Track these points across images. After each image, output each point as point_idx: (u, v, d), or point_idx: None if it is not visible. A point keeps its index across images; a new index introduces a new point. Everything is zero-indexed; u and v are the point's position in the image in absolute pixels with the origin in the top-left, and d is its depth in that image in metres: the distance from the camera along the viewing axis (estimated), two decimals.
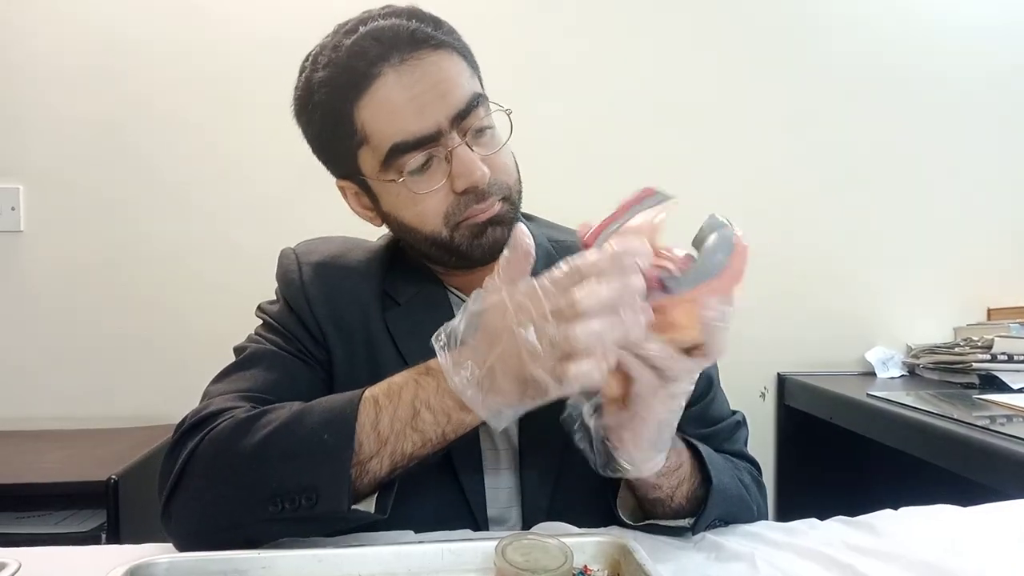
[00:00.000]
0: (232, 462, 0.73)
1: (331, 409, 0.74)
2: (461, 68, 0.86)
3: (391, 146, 0.83)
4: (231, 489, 0.73)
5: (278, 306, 0.96)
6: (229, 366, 0.90)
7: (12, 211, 1.87)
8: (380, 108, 0.83)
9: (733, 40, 2.11)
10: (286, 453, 0.71)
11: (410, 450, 0.72)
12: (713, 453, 0.87)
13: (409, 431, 0.71)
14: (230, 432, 0.75)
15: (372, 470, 0.72)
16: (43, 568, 0.71)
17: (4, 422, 1.86)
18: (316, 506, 0.69)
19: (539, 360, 0.59)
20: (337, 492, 0.69)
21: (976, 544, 0.79)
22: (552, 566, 0.62)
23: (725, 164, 2.11)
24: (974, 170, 2.21)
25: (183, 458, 0.76)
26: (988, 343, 1.86)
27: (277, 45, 1.92)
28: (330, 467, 0.70)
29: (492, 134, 0.89)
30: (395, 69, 0.82)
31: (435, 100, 0.82)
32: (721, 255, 0.66)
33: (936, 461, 1.45)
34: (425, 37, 0.84)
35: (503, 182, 0.88)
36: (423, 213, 0.87)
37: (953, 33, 2.18)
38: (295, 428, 0.73)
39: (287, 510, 0.70)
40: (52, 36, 1.87)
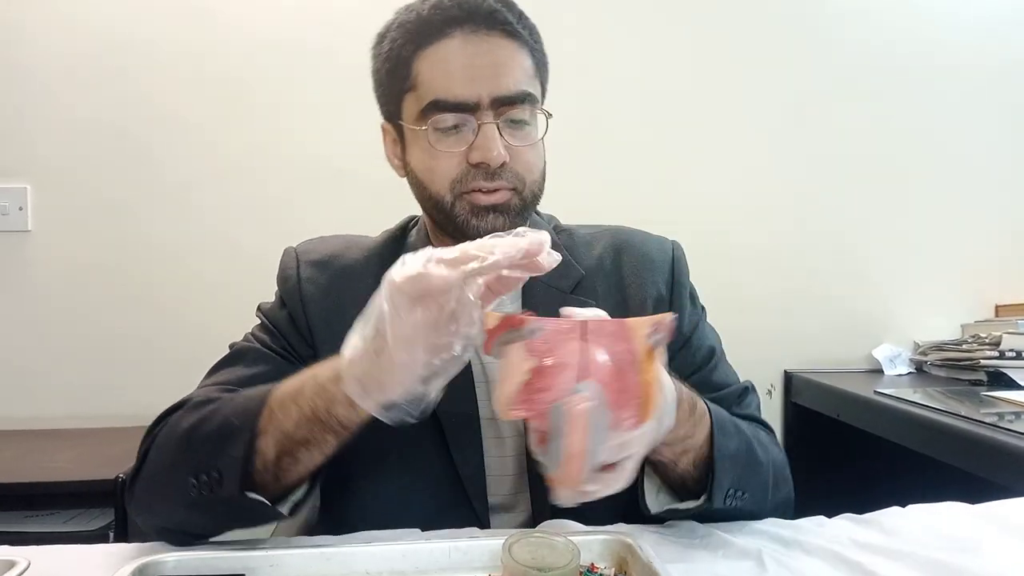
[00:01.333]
0: (170, 444, 0.79)
1: (249, 395, 0.77)
2: (524, 64, 0.90)
3: (432, 100, 0.87)
4: (164, 471, 0.78)
5: (273, 304, 1.00)
6: (216, 363, 0.94)
7: (20, 211, 1.88)
8: (437, 64, 0.87)
9: (739, 35, 2.11)
10: (204, 435, 0.75)
11: (288, 427, 0.72)
12: (726, 418, 0.85)
13: (291, 405, 0.72)
14: (178, 417, 0.81)
15: (261, 450, 0.73)
16: (52, 567, 0.72)
17: (12, 421, 1.87)
18: (221, 487, 0.71)
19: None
20: (234, 473, 0.71)
21: (984, 541, 0.78)
22: (559, 564, 0.62)
23: (732, 161, 2.10)
24: (982, 166, 2.20)
25: (147, 445, 0.82)
26: (996, 340, 1.85)
27: (283, 47, 1.93)
28: (231, 448, 0.72)
29: (527, 132, 0.91)
30: (464, 36, 0.86)
31: (487, 76, 0.86)
32: (554, 454, 0.58)
33: (944, 458, 1.44)
34: (504, 21, 0.87)
35: (519, 174, 0.90)
36: (434, 171, 0.89)
37: (961, 27, 2.17)
38: (217, 413, 0.77)
39: (203, 493, 0.72)
40: (59, 37, 1.87)
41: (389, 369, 0.59)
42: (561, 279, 0.97)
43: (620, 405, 0.59)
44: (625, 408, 0.59)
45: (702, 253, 1.07)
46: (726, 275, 2.02)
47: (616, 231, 1.07)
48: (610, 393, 0.58)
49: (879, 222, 2.17)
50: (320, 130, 1.95)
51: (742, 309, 2.04)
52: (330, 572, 0.69)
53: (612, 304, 0.99)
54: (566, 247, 1.02)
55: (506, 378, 0.58)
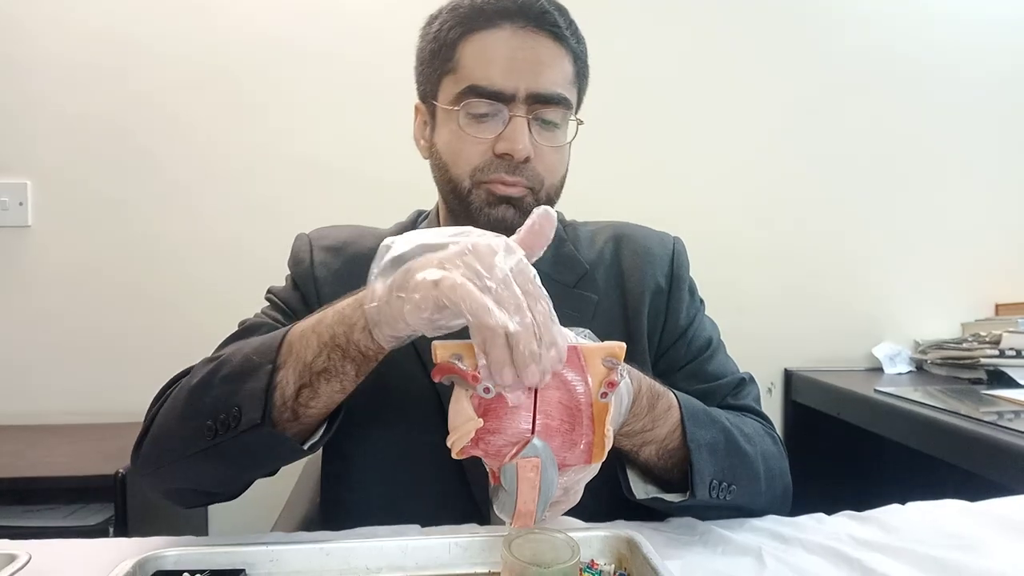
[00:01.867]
0: (182, 397, 0.78)
1: (268, 335, 0.76)
2: (565, 68, 0.92)
3: (469, 84, 0.88)
4: (177, 421, 0.77)
5: (285, 286, 1.01)
6: (227, 337, 0.93)
7: (20, 206, 1.88)
8: (481, 51, 0.89)
9: (739, 35, 2.10)
10: (223, 378, 0.74)
11: (309, 357, 0.70)
12: (699, 409, 0.85)
13: (311, 335, 0.71)
14: (189, 376, 0.80)
15: (281, 384, 0.71)
16: (53, 561, 0.72)
17: (12, 416, 1.87)
18: (240, 423, 0.70)
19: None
20: (254, 406, 0.70)
21: (983, 539, 0.78)
22: (559, 560, 0.62)
23: (732, 161, 2.10)
24: (983, 166, 2.20)
25: (156, 408, 0.82)
26: (996, 339, 1.85)
27: (283, 45, 1.93)
28: (250, 382, 0.71)
29: (555, 134, 0.92)
30: (513, 29, 0.88)
31: (527, 72, 0.88)
32: (507, 504, 0.60)
33: (944, 457, 1.44)
34: (553, 23, 0.89)
35: (539, 174, 0.91)
36: (458, 153, 0.91)
37: (962, 27, 2.17)
38: (234, 356, 0.76)
39: (219, 434, 0.72)
40: (59, 34, 1.87)
41: (400, 316, 0.60)
42: (565, 273, 0.99)
43: (571, 444, 0.60)
44: (575, 447, 0.60)
45: (702, 252, 1.08)
46: (726, 274, 2.02)
47: (618, 225, 1.08)
48: (560, 434, 0.59)
49: (879, 221, 2.17)
50: (320, 129, 1.95)
51: (742, 307, 2.04)
52: (330, 567, 0.69)
53: (612, 296, 0.99)
54: (571, 242, 1.03)
55: (456, 426, 0.58)
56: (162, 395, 0.84)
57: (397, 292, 0.61)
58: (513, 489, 0.58)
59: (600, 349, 0.61)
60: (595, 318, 0.97)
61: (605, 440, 0.60)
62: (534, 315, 0.57)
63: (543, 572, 0.60)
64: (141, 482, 0.83)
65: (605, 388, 0.60)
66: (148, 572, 0.66)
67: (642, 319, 0.99)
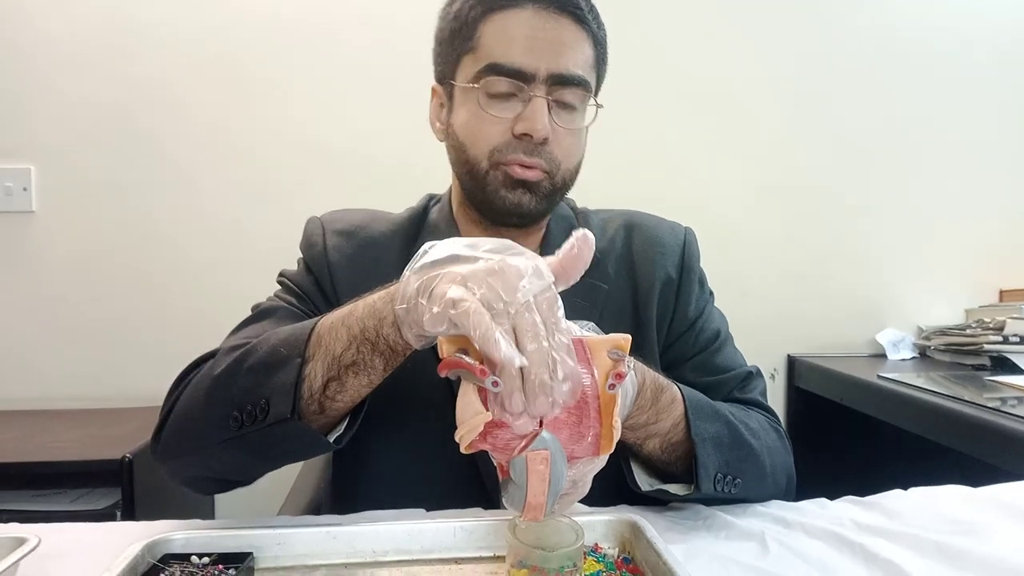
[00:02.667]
0: (206, 386, 0.77)
1: (294, 326, 0.76)
2: (586, 51, 0.91)
3: (490, 62, 0.88)
4: (201, 411, 0.76)
5: (297, 270, 1.00)
6: (242, 320, 0.93)
7: (24, 191, 1.88)
8: (503, 30, 0.88)
9: (746, 24, 2.09)
10: (249, 368, 0.74)
11: (338, 350, 0.70)
12: (704, 403, 0.85)
13: (340, 328, 0.70)
14: (212, 363, 0.79)
15: (309, 377, 0.71)
16: (62, 544, 0.73)
17: (19, 401, 1.88)
18: (268, 416, 0.70)
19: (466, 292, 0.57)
20: (284, 398, 0.70)
21: (986, 524, 0.79)
22: (564, 544, 0.62)
23: (736, 148, 2.09)
24: (987, 151, 2.19)
25: (176, 394, 0.81)
26: (1000, 325, 1.85)
27: (287, 29, 1.93)
28: (279, 375, 0.71)
29: (574, 117, 0.92)
30: (535, 10, 0.88)
31: (548, 52, 0.87)
32: (517, 497, 0.59)
33: (946, 442, 1.45)
34: (574, 5, 0.89)
35: (556, 158, 0.91)
36: (477, 133, 0.90)
37: (966, 14, 2.16)
38: (260, 346, 0.75)
39: (245, 425, 0.71)
40: (63, 18, 1.87)
41: (421, 321, 0.60)
42: None
43: (579, 436, 0.60)
44: (583, 439, 0.60)
45: (706, 238, 1.07)
46: (730, 260, 2.02)
47: (630, 214, 1.08)
48: (568, 426, 0.59)
49: (883, 207, 2.16)
50: (324, 114, 1.94)
51: (746, 294, 2.04)
52: (336, 551, 0.70)
53: (622, 285, 0.99)
54: (578, 218, 1.04)
55: (464, 420, 0.57)
56: (182, 381, 0.83)
57: (421, 298, 0.61)
58: (523, 482, 0.58)
59: (605, 341, 0.61)
60: (605, 307, 0.97)
61: (613, 432, 0.60)
62: (551, 344, 0.55)
63: (547, 556, 0.61)
64: (160, 468, 0.82)
65: (612, 380, 0.60)
66: (156, 555, 0.67)
67: (651, 309, 0.99)
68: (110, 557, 0.63)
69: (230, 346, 0.80)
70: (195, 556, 0.66)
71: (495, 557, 0.70)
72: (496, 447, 0.58)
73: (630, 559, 0.70)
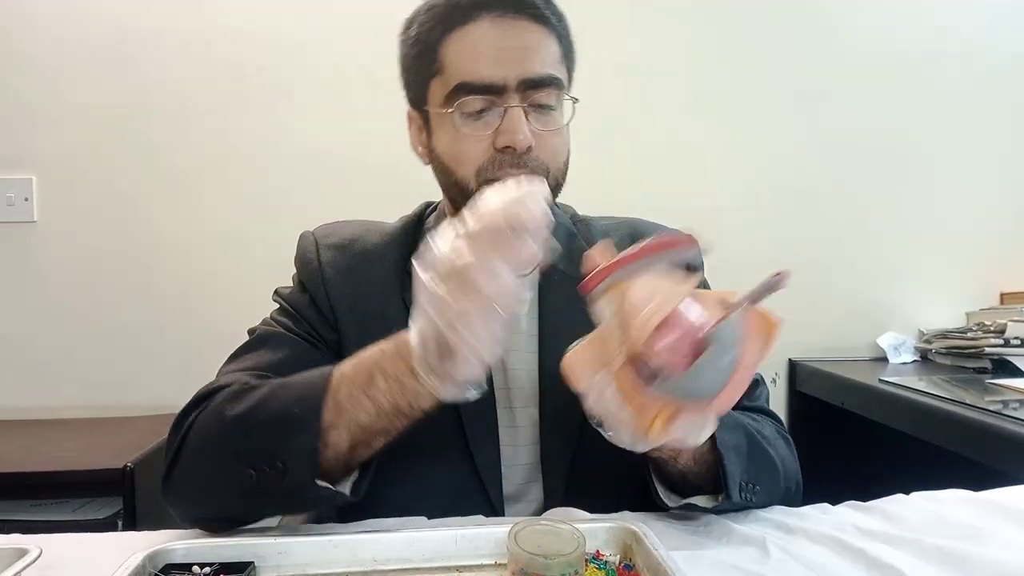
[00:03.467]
0: (217, 432, 0.77)
1: (305, 382, 0.76)
2: (551, 49, 0.90)
3: (459, 83, 0.87)
4: (213, 460, 0.76)
5: (293, 289, 0.99)
6: (239, 348, 0.93)
7: (25, 202, 1.88)
8: (464, 47, 0.87)
9: (745, 26, 2.10)
10: (261, 424, 0.74)
11: (365, 420, 0.72)
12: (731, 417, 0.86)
13: (363, 398, 0.72)
14: (219, 404, 0.78)
15: (333, 443, 0.72)
16: (63, 555, 0.72)
17: (20, 411, 1.88)
18: (285, 478, 0.71)
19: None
20: (303, 464, 0.71)
21: (988, 528, 0.79)
22: (565, 552, 0.62)
23: (736, 151, 2.10)
24: (987, 155, 2.19)
25: (182, 433, 0.79)
26: (1001, 328, 1.85)
27: (289, 37, 1.93)
28: (297, 438, 0.71)
29: (553, 117, 0.91)
30: (492, 19, 0.87)
31: (514, 59, 0.86)
32: (718, 376, 0.58)
33: (948, 446, 1.44)
34: (531, 6, 0.88)
35: (544, 162, 0.89)
36: (460, 155, 0.89)
37: (966, 16, 2.16)
38: (271, 400, 0.75)
39: (261, 481, 0.71)
40: (64, 28, 1.87)
41: (453, 356, 0.63)
42: (578, 268, 0.97)
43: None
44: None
45: None
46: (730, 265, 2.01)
47: (634, 222, 1.07)
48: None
49: (884, 210, 2.16)
50: (326, 121, 1.95)
51: None
52: (337, 560, 0.70)
53: None
54: (583, 237, 1.02)
55: (642, 313, 0.57)
56: (185, 417, 0.81)
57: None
58: (728, 346, 0.56)
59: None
60: None
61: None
62: None
63: (549, 563, 0.61)
64: (170, 510, 0.81)
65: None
66: (158, 565, 0.66)
67: None
68: (112, 567, 0.63)
69: (237, 388, 0.79)
70: (196, 566, 0.66)
71: (496, 565, 0.70)
72: (682, 329, 0.56)
73: (631, 566, 0.70)
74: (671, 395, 0.59)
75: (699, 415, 0.60)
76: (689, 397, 0.58)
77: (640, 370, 0.58)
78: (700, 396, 0.58)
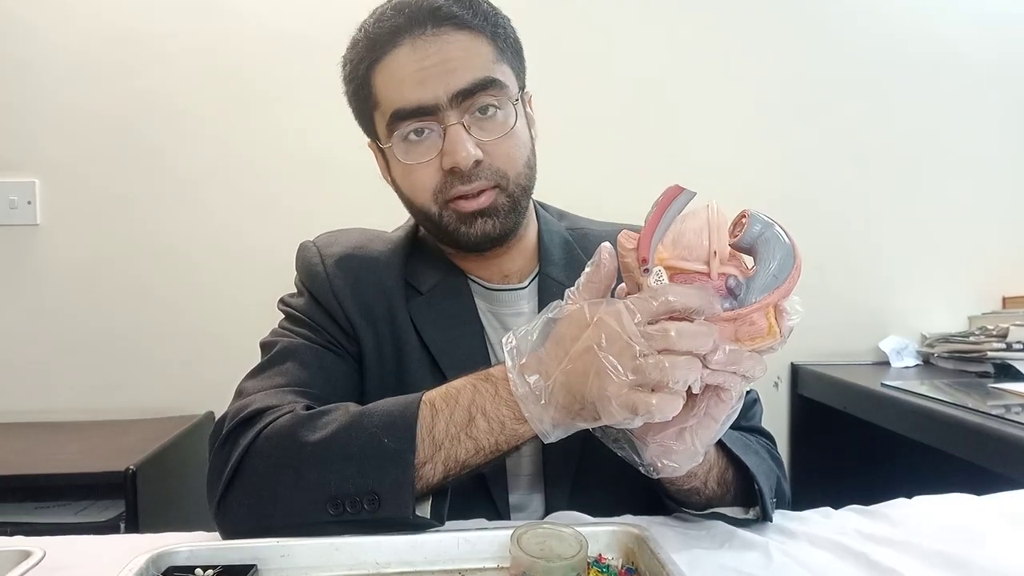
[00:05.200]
0: (293, 460, 0.73)
1: (390, 413, 0.74)
2: (481, 51, 0.87)
3: (392, 111, 0.86)
4: (291, 489, 0.73)
5: (303, 299, 0.96)
6: (263, 362, 0.90)
7: (28, 205, 1.89)
8: (390, 75, 0.86)
9: (746, 29, 2.10)
10: (349, 455, 0.72)
11: (463, 457, 0.72)
12: (733, 434, 0.86)
13: (464, 437, 0.72)
14: (290, 429, 0.75)
15: (426, 476, 0.72)
16: (67, 556, 0.73)
17: (23, 414, 1.88)
18: (379, 510, 0.70)
19: (617, 385, 0.61)
20: (400, 497, 0.70)
21: (990, 533, 0.79)
22: (567, 555, 0.62)
23: (739, 154, 2.10)
24: (989, 159, 2.19)
25: (239, 452, 0.75)
26: (1003, 332, 1.84)
27: (291, 41, 1.94)
28: (393, 471, 0.71)
29: (499, 121, 0.88)
30: (412, 41, 0.85)
31: (440, 75, 0.84)
32: (782, 257, 0.66)
33: (951, 450, 1.44)
34: (449, 15, 0.85)
35: (498, 169, 0.88)
36: (414, 184, 0.89)
37: (969, 20, 2.16)
38: (355, 430, 0.73)
39: (348, 513, 0.71)
40: (67, 31, 1.88)
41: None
42: (575, 277, 0.96)
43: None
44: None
45: None
46: None
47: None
48: None
49: (886, 214, 2.16)
50: (328, 126, 1.93)
51: None
52: (339, 562, 0.70)
53: None
54: (580, 248, 1.01)
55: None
56: (235, 437, 0.77)
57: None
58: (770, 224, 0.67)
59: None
60: None
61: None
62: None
63: (551, 567, 0.61)
64: (222, 528, 0.76)
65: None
66: (160, 568, 0.67)
67: None
68: (114, 570, 0.63)
69: (304, 415, 0.76)
70: (199, 569, 0.66)
71: (498, 568, 0.70)
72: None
73: (634, 569, 0.70)
74: (757, 295, 0.65)
75: (788, 300, 0.68)
76: (771, 288, 0.66)
77: (722, 292, 0.64)
78: (779, 281, 0.67)
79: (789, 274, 0.66)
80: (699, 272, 0.64)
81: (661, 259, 0.63)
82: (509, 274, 0.98)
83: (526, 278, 0.98)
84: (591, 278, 0.68)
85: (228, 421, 0.79)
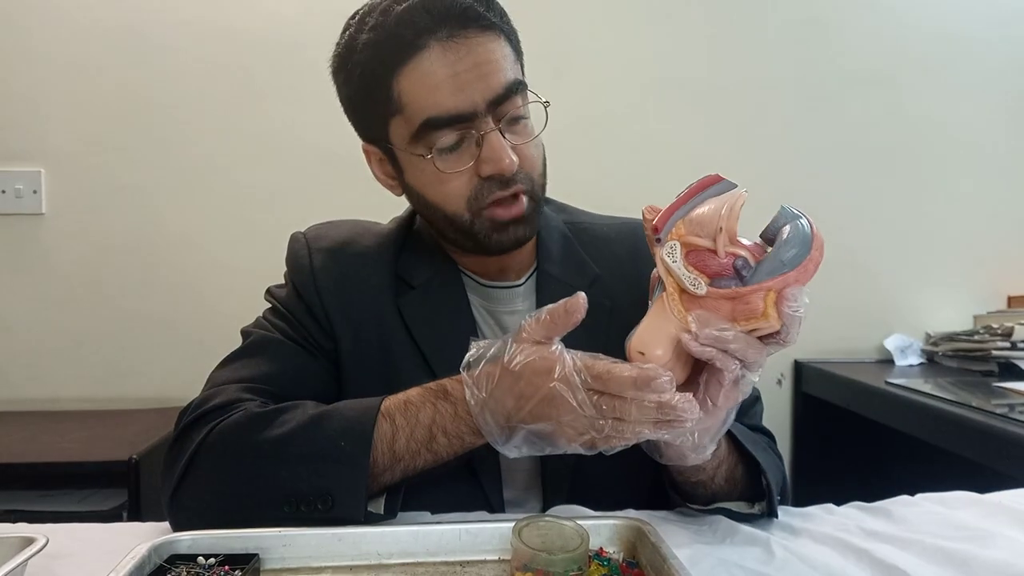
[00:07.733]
0: (246, 458, 0.75)
1: (348, 418, 0.76)
2: (506, 53, 0.85)
3: (424, 119, 0.82)
4: (245, 486, 0.74)
5: (287, 291, 0.95)
6: (234, 352, 0.90)
7: (34, 194, 1.89)
8: (420, 80, 0.81)
9: (748, 27, 2.09)
10: (304, 455, 0.73)
11: (422, 466, 0.77)
12: (744, 429, 0.86)
13: (424, 451, 0.75)
14: (244, 426, 0.76)
15: (384, 482, 0.76)
16: (69, 544, 0.73)
17: (27, 403, 1.89)
18: (332, 510, 0.72)
19: (578, 428, 0.66)
20: (353, 499, 0.72)
21: (993, 530, 0.79)
22: (568, 548, 0.62)
23: (742, 152, 2.09)
24: (994, 157, 2.18)
25: (191, 448, 0.76)
26: (1008, 331, 1.84)
27: (297, 32, 1.93)
28: (347, 474, 0.73)
29: (526, 124, 0.87)
30: (441, 44, 0.81)
31: (476, 80, 0.81)
32: (798, 247, 0.68)
33: (954, 448, 1.44)
34: (476, 16, 0.82)
35: (528, 174, 0.87)
36: (447, 193, 0.86)
37: (972, 18, 2.15)
38: (313, 431, 0.75)
39: (301, 512, 0.72)
40: (73, 22, 1.88)
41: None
42: (575, 277, 0.95)
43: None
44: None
45: None
46: None
47: (636, 226, 1.05)
48: None
49: (891, 212, 2.16)
50: (335, 118, 1.93)
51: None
52: (342, 553, 0.70)
53: (628, 301, 0.96)
54: (581, 246, 0.99)
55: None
56: (189, 432, 0.78)
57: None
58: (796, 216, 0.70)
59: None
60: (609, 325, 0.87)
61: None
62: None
63: (552, 559, 0.61)
64: (173, 520, 0.77)
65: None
66: (163, 556, 0.67)
67: None
68: (117, 557, 0.63)
69: (258, 413, 0.77)
70: (201, 557, 0.67)
71: (500, 560, 0.70)
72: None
73: (635, 563, 0.70)
74: (762, 277, 0.66)
75: (796, 287, 0.68)
76: (778, 272, 0.67)
77: (728, 272, 0.66)
78: (788, 267, 0.67)
79: (800, 264, 0.67)
80: (708, 249, 0.66)
81: (679, 235, 0.66)
82: (506, 270, 0.96)
83: (523, 274, 0.97)
84: (555, 318, 0.69)
85: (187, 415, 0.81)
